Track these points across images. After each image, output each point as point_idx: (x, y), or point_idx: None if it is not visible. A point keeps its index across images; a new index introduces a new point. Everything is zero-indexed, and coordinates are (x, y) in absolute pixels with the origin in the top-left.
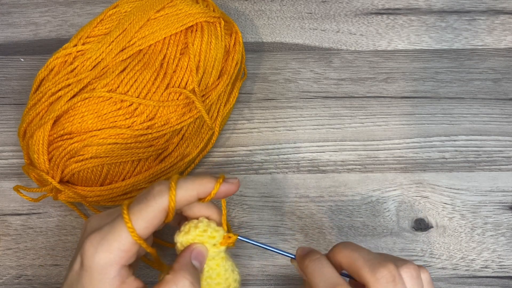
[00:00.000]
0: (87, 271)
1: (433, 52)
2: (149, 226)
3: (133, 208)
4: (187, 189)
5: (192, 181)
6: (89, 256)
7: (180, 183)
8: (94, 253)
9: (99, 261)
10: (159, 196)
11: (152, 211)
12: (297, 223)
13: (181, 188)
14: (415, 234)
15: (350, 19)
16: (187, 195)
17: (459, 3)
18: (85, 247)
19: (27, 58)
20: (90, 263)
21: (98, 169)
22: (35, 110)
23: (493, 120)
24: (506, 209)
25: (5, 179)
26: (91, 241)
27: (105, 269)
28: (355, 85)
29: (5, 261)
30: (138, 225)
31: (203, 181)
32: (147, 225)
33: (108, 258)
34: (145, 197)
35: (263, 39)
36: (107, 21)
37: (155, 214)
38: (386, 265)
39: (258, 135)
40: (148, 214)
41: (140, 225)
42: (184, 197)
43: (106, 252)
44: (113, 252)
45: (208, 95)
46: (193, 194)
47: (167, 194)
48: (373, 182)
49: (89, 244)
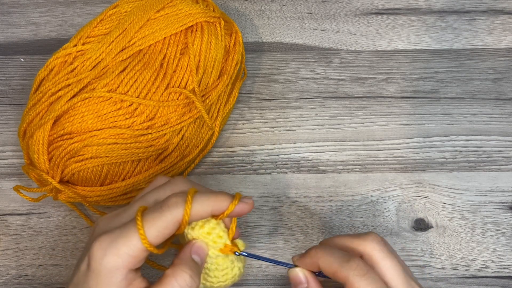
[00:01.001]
0: (94, 273)
1: (433, 52)
2: (160, 235)
3: (147, 215)
4: (203, 204)
5: (208, 197)
6: (97, 258)
7: (196, 198)
8: (102, 256)
9: (107, 265)
10: (174, 207)
11: (166, 222)
12: (297, 223)
13: (197, 203)
14: (415, 234)
15: (350, 19)
16: (202, 210)
17: (459, 3)
18: (93, 249)
19: (27, 58)
20: (97, 265)
21: (98, 169)
22: (35, 110)
23: (493, 120)
24: (506, 209)
25: (5, 179)
26: (100, 244)
27: (112, 273)
28: (355, 85)
29: (5, 261)
30: (150, 233)
31: (219, 198)
32: (158, 234)
33: (116, 262)
34: (160, 207)
35: (263, 39)
36: (107, 21)
37: (168, 225)
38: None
39: (258, 135)
40: (161, 224)
41: (152, 233)
42: (199, 212)
43: (115, 256)
44: (122, 256)
45: (208, 95)
46: (208, 210)
47: (182, 207)
48: (373, 182)
49: (98, 246)
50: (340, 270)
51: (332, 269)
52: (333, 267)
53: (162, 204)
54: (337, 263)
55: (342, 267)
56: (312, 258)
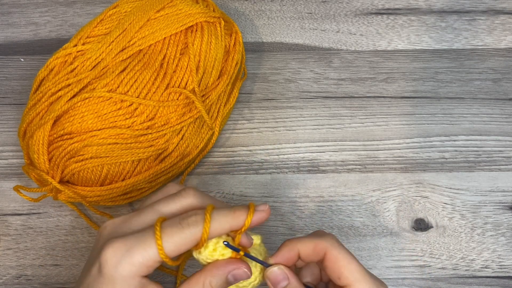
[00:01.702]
0: (107, 279)
1: (433, 52)
2: (177, 250)
3: (166, 228)
4: (221, 222)
5: (225, 215)
6: (111, 265)
7: (214, 216)
8: (117, 263)
9: (122, 272)
10: (194, 226)
11: (184, 239)
12: (297, 223)
13: (215, 221)
14: (415, 234)
15: (350, 19)
16: (220, 228)
17: (459, 3)
18: (106, 255)
19: (27, 58)
20: (111, 272)
21: (98, 169)
22: (35, 110)
23: (493, 120)
24: (506, 209)
25: (5, 179)
26: (114, 250)
27: (127, 281)
28: (355, 85)
29: (5, 261)
30: (167, 246)
31: (236, 214)
32: (175, 249)
33: (131, 271)
34: (180, 223)
35: (263, 39)
36: (107, 21)
37: (186, 242)
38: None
39: (258, 135)
40: (179, 240)
41: (169, 247)
42: (217, 230)
43: (130, 265)
44: (137, 265)
45: (208, 95)
46: (226, 227)
47: (201, 226)
48: (373, 182)
49: (111, 253)
50: (318, 242)
51: (310, 246)
52: (311, 243)
53: (182, 221)
54: (313, 240)
55: (319, 240)
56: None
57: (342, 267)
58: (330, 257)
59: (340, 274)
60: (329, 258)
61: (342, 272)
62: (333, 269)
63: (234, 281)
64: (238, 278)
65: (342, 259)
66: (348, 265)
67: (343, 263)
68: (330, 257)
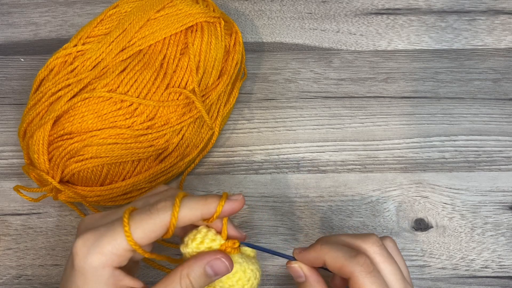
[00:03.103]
0: (79, 271)
1: (433, 52)
2: (146, 237)
3: (135, 216)
4: (191, 208)
5: (197, 201)
6: (81, 256)
7: (185, 202)
8: (86, 254)
9: (92, 263)
10: (163, 211)
11: (153, 224)
12: (297, 223)
13: (185, 207)
14: (415, 234)
15: (350, 19)
16: (190, 214)
17: (459, 3)
18: (77, 247)
19: (27, 58)
20: (82, 263)
21: (98, 169)
22: (35, 110)
23: (493, 120)
24: (506, 209)
25: (5, 179)
26: (84, 242)
27: (98, 271)
28: (355, 85)
29: (5, 261)
30: (136, 233)
31: (207, 201)
32: (144, 236)
33: (101, 261)
34: (149, 209)
35: (263, 39)
36: (107, 21)
37: (155, 228)
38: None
39: (258, 135)
40: (148, 226)
41: (138, 234)
42: (187, 216)
43: (99, 254)
44: (106, 254)
45: (208, 95)
46: (197, 214)
47: (171, 211)
48: (373, 182)
49: (81, 244)
50: (347, 264)
51: (338, 264)
52: (340, 261)
53: (151, 207)
54: (343, 257)
55: (349, 262)
56: (317, 253)
57: None
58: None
59: None
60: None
61: None
62: None
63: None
64: (216, 269)
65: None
66: None
67: None
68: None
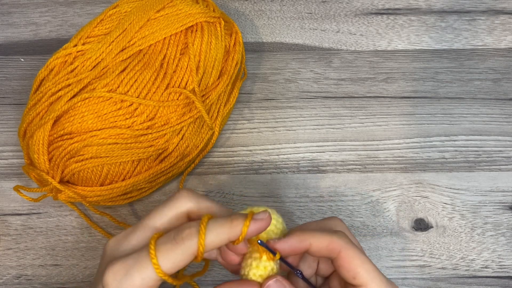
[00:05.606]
0: None
1: (433, 52)
2: (175, 267)
3: (161, 246)
4: (218, 234)
5: (222, 224)
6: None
7: (210, 226)
8: (118, 286)
9: None
10: (188, 239)
11: (181, 254)
12: (297, 223)
13: (211, 232)
14: (415, 234)
15: (350, 19)
16: (218, 240)
17: (459, 3)
18: (108, 280)
19: (27, 58)
20: None
21: (98, 169)
22: (35, 110)
23: (493, 120)
24: (506, 209)
25: (5, 179)
26: (114, 274)
27: None
28: (355, 85)
29: (5, 261)
30: (164, 264)
31: (233, 224)
32: (172, 266)
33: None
34: (174, 238)
35: (263, 39)
36: (107, 21)
37: (183, 257)
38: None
39: (258, 135)
40: (176, 256)
41: (167, 265)
42: (214, 242)
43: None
44: (137, 286)
45: (208, 95)
46: (223, 239)
47: (196, 239)
48: (373, 182)
49: (112, 277)
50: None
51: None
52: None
53: (176, 235)
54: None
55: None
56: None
57: (358, 266)
58: (345, 257)
59: (356, 274)
60: (343, 257)
61: (358, 271)
62: (348, 269)
63: None
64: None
65: (358, 258)
66: (363, 265)
67: (358, 262)
68: (345, 256)
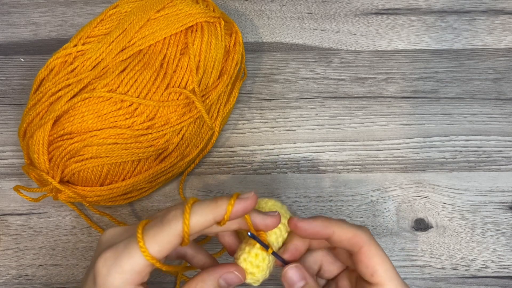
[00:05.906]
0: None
1: (433, 52)
2: (163, 250)
3: (148, 230)
4: (202, 214)
5: (207, 205)
6: (102, 276)
7: (195, 208)
8: (107, 273)
9: (113, 282)
10: (174, 221)
11: (167, 236)
12: None
13: (196, 213)
14: (415, 234)
15: (350, 19)
16: (203, 220)
17: (459, 3)
18: (98, 266)
19: (27, 58)
20: (103, 282)
21: (98, 169)
22: (35, 110)
23: (493, 120)
24: (506, 209)
25: (5, 179)
26: (104, 260)
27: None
28: (355, 85)
29: (5, 261)
30: (152, 248)
31: (218, 204)
32: (160, 249)
33: (122, 279)
34: (160, 221)
35: (263, 39)
36: (107, 21)
37: (170, 239)
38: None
39: (258, 135)
40: (162, 239)
41: (154, 248)
42: (199, 222)
43: (120, 274)
44: (127, 273)
45: (208, 95)
46: (209, 219)
47: (181, 220)
48: (373, 182)
49: (102, 263)
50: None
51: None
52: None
53: (162, 218)
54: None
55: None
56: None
57: (378, 264)
58: (367, 252)
59: (375, 272)
60: (365, 252)
61: (377, 270)
62: (367, 265)
63: (227, 286)
64: (229, 282)
65: (379, 256)
66: (383, 264)
67: (379, 260)
68: (367, 252)
